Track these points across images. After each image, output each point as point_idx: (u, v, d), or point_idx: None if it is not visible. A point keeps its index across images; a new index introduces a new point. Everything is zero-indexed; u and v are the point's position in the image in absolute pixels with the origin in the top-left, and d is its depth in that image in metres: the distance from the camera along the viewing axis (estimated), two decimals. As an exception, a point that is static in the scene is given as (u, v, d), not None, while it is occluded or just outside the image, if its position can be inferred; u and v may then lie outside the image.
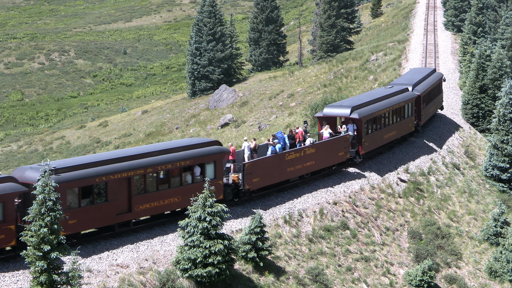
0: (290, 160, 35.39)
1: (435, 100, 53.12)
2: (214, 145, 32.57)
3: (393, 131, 44.07)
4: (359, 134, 39.99)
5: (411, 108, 45.98)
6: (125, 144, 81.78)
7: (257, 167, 33.52)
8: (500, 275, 37.77)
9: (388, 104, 43.10)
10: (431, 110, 51.97)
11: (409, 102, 45.61)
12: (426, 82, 50.52)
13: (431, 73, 54.06)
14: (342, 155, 39.05)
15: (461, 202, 43.59)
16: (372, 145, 41.75)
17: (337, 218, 36.47)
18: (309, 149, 36.62)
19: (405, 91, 46.32)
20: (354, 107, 40.07)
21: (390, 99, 43.95)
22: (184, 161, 30.75)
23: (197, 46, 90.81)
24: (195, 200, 28.03)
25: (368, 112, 40.67)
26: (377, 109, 41.76)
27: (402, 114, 45.00)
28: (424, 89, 48.52)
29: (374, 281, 33.76)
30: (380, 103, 42.71)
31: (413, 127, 46.89)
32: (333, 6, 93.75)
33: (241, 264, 29.90)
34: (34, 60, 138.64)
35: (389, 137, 43.75)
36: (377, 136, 42.14)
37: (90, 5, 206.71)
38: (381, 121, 42.58)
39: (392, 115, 43.74)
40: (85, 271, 25.91)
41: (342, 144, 38.88)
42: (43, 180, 22.94)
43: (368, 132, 40.86)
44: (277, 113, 74.30)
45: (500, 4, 78.88)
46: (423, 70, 55.37)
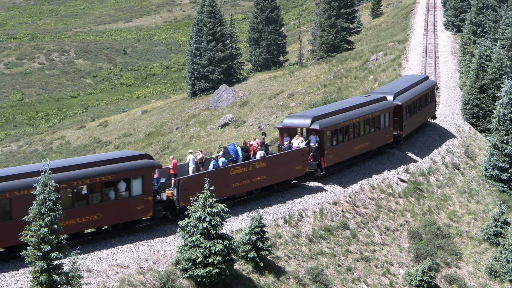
0: (236, 175, 32.92)
1: (424, 109, 50.46)
2: (143, 158, 30.23)
3: (365, 142, 41.55)
4: (321, 146, 37.63)
5: (389, 118, 43.57)
6: (125, 144, 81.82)
7: (195, 183, 30.75)
8: (500, 275, 37.77)
9: (359, 114, 40.76)
10: (418, 120, 49.23)
11: (386, 112, 43.22)
12: (412, 91, 48.19)
13: (421, 81, 51.52)
14: (299, 169, 36.46)
15: (461, 202, 43.60)
16: (337, 158, 39.19)
17: (337, 218, 36.47)
18: (259, 163, 34.07)
19: (382, 100, 43.98)
20: (316, 117, 37.80)
21: (362, 108, 41.58)
22: (106, 175, 28.50)
23: (197, 46, 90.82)
24: (195, 200, 28.05)
25: (332, 122, 38.32)
26: (344, 119, 39.39)
27: (377, 124, 42.59)
28: (407, 98, 46.17)
29: (374, 281, 33.77)
30: (348, 113, 40.28)
31: (391, 138, 44.28)
32: (333, 6, 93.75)
33: (241, 264, 29.90)
34: (34, 60, 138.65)
35: (360, 149, 41.21)
36: (344, 148, 39.64)
37: (90, 5, 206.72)
38: (350, 132, 40.04)
39: (364, 126, 41.36)
40: (85, 271, 25.91)
41: (300, 157, 36.33)
42: (43, 180, 22.94)
43: (332, 144, 38.49)
44: (277, 113, 74.33)
45: (500, 4, 78.87)
46: (413, 78, 52.76)
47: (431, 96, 51.99)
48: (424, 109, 50.26)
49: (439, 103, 60.72)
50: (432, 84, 52.37)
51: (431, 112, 52.65)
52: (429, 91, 51.18)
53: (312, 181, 38.38)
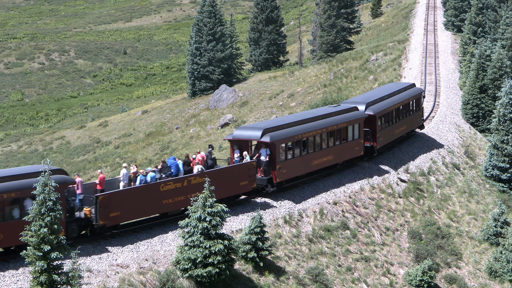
0: (167, 191, 30.62)
1: (407, 119, 47.64)
2: (57, 174, 27.34)
3: (328, 156, 38.89)
4: (273, 160, 34.92)
5: (359, 129, 40.96)
6: (125, 144, 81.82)
7: (117, 200, 28.76)
8: (500, 275, 37.78)
9: (321, 125, 38.12)
10: (399, 131, 46.56)
11: (355, 123, 40.63)
12: (390, 100, 45.38)
13: (404, 89, 48.52)
14: (245, 185, 33.90)
15: (461, 202, 43.59)
16: (292, 172, 36.50)
17: (337, 218, 36.47)
18: (196, 178, 31.62)
19: (352, 111, 41.37)
20: (267, 129, 35.08)
21: (326, 119, 38.97)
22: (8, 193, 26.15)
23: (197, 46, 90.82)
24: (195, 200, 28.06)
25: (286, 135, 35.73)
26: (302, 131, 36.78)
27: (344, 136, 40.03)
28: (383, 107, 43.63)
29: (374, 281, 33.77)
30: (308, 124, 37.65)
31: (362, 151, 41.55)
32: (333, 6, 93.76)
33: (241, 264, 29.91)
34: (34, 60, 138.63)
35: (321, 163, 38.53)
36: (301, 162, 36.91)
37: (90, 5, 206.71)
38: (309, 145, 37.42)
39: (328, 138, 38.81)
40: (85, 271, 25.91)
41: (246, 171, 33.78)
42: (43, 180, 22.94)
43: (286, 157, 35.77)
44: (277, 113, 74.33)
45: (500, 4, 78.85)
46: (396, 86, 49.89)
47: (416, 105, 49.06)
48: (406, 118, 47.38)
49: (439, 103, 60.72)
50: (418, 92, 49.23)
51: (416, 121, 49.60)
52: (413, 100, 48.22)
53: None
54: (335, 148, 39.42)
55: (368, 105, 42.63)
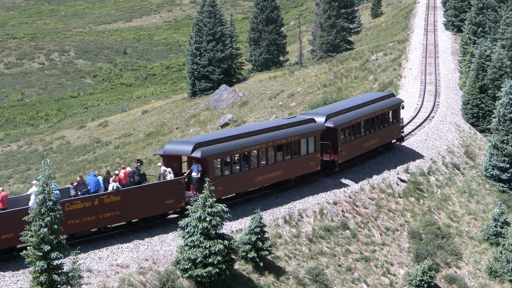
0: (74, 211, 27.87)
1: (380, 131, 44.71)
2: None
3: (276, 171, 36.07)
4: (205, 176, 31.97)
5: (315, 143, 38.24)
6: (125, 144, 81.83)
7: (8, 221, 26.07)
8: (500, 275, 37.78)
9: (267, 138, 35.33)
10: (369, 144, 43.53)
11: (310, 136, 37.87)
12: (358, 111, 42.48)
13: (379, 99, 45.72)
14: (171, 204, 31.20)
15: (461, 202, 43.60)
16: (229, 190, 33.89)
17: (337, 218, 36.48)
18: (110, 197, 29.08)
19: (307, 123, 38.57)
20: (199, 144, 32.59)
21: (274, 132, 36.18)
22: None
23: (197, 46, 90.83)
24: (195, 200, 28.06)
25: (221, 149, 33.05)
26: (242, 145, 33.94)
27: (296, 150, 37.32)
28: (347, 119, 40.70)
29: (374, 281, 33.78)
30: (251, 138, 34.87)
31: (318, 166, 38.70)
32: (333, 6, 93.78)
33: (241, 264, 29.92)
34: (34, 60, 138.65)
35: (267, 179, 35.69)
36: (241, 177, 34.12)
37: (90, 5, 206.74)
38: (250, 160, 34.74)
39: (275, 152, 36.14)
40: (85, 271, 25.92)
41: (171, 189, 31.13)
42: (43, 180, 22.95)
43: (222, 173, 33.28)
44: (277, 113, 74.35)
45: (500, 4, 78.87)
46: (370, 96, 47.26)
47: (394, 116, 46.17)
48: (380, 131, 44.58)
49: (439, 103, 60.73)
50: (395, 103, 46.26)
51: (393, 134, 46.63)
52: (389, 111, 45.42)
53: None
54: (286, 163, 36.58)
55: (329, 117, 39.84)
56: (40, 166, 75.79)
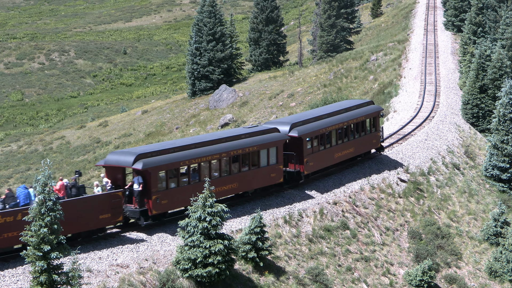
0: None
1: (355, 141, 42.28)
2: None
3: (231, 183, 33.98)
4: (148, 189, 30.40)
5: (277, 154, 35.93)
6: (125, 144, 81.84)
7: None
8: (500, 275, 37.79)
9: (220, 149, 33.40)
10: (340, 155, 41.00)
11: (271, 146, 35.61)
12: (328, 120, 40.11)
13: (355, 107, 43.27)
14: (107, 218, 29.07)
15: (461, 202, 43.60)
16: (175, 203, 31.78)
17: (337, 218, 36.48)
18: None
19: (269, 132, 36.25)
20: (142, 154, 30.56)
21: (229, 143, 34.18)
22: None
23: (197, 46, 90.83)
24: (195, 200, 28.07)
25: (166, 161, 31.06)
26: (191, 156, 32.04)
27: (255, 161, 35.24)
28: (314, 129, 38.40)
29: (374, 281, 33.78)
30: (202, 148, 32.84)
31: (281, 178, 36.33)
32: (333, 6, 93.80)
33: (241, 264, 29.92)
34: (34, 60, 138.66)
35: (219, 192, 32.91)
36: (189, 190, 31.45)
37: (90, 5, 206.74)
38: (201, 171, 32.58)
39: (230, 163, 34.08)
40: (85, 271, 25.92)
41: (107, 203, 29.05)
42: (43, 180, 22.95)
43: (167, 186, 31.18)
44: (277, 113, 74.37)
45: (500, 4, 78.88)
46: (345, 104, 44.90)
47: (371, 125, 43.87)
48: (355, 140, 42.22)
49: (439, 103, 60.72)
50: (373, 111, 43.91)
51: (371, 143, 44.06)
52: (366, 119, 43.12)
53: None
54: (241, 175, 34.39)
55: (294, 126, 37.53)
56: (40, 166, 75.79)
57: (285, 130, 37.22)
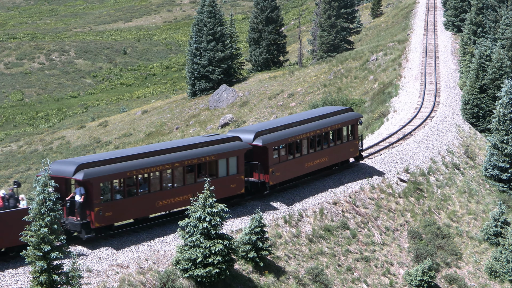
0: None
1: (330, 149, 40.16)
2: None
3: (185, 194, 31.97)
4: (90, 201, 28.72)
5: (237, 164, 34.18)
6: (125, 144, 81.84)
7: None
8: (500, 275, 37.79)
9: (173, 159, 31.59)
10: (312, 164, 38.97)
11: (231, 156, 33.98)
12: (298, 128, 38.20)
13: (331, 114, 41.18)
14: None
15: (461, 202, 43.59)
16: (122, 215, 29.93)
17: (337, 218, 36.48)
18: None
19: (230, 141, 34.69)
20: (85, 164, 28.94)
21: (184, 152, 32.40)
22: None
23: (197, 46, 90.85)
24: (195, 200, 28.08)
25: (111, 170, 29.26)
26: (139, 166, 30.31)
27: (213, 172, 33.52)
28: (282, 137, 36.61)
29: (374, 281, 33.78)
30: (153, 158, 31.19)
31: (242, 188, 34.47)
32: (333, 6, 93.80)
33: (241, 264, 29.92)
34: (34, 60, 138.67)
35: (172, 204, 31.73)
36: (137, 202, 30.32)
37: (90, 5, 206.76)
38: (151, 182, 31.17)
39: (184, 174, 32.36)
40: (85, 271, 25.93)
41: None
42: (43, 180, 22.95)
43: (112, 197, 29.55)
44: (277, 113, 74.37)
45: (500, 4, 78.89)
46: (322, 111, 43.18)
47: (349, 133, 41.89)
48: (329, 149, 40.19)
49: (439, 103, 60.71)
50: (352, 118, 41.98)
51: (348, 152, 41.93)
52: (341, 127, 41.12)
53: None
54: (196, 186, 32.03)
55: (259, 135, 35.80)
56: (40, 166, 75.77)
57: (249, 139, 35.57)
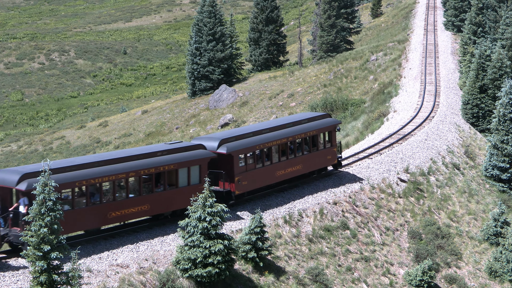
0: None
1: (304, 157, 38.43)
2: None
3: (141, 205, 30.65)
4: None
5: (200, 173, 32.64)
6: (125, 144, 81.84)
7: None
8: (500, 275, 37.79)
9: (126, 168, 30.17)
10: (284, 173, 37.24)
11: (192, 165, 32.43)
12: (269, 135, 36.51)
13: (305, 121, 39.53)
14: None
15: (461, 202, 43.59)
16: (69, 227, 27.80)
17: (337, 218, 36.48)
18: None
19: (193, 149, 33.20)
20: (28, 174, 27.39)
21: (139, 161, 30.87)
22: None
23: (197, 46, 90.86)
24: (195, 200, 28.08)
25: (61, 180, 27.39)
26: (89, 176, 28.83)
27: (172, 181, 32.14)
28: (249, 144, 35.01)
29: (374, 281, 33.78)
30: (105, 167, 29.64)
31: None
32: (333, 6, 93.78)
33: (241, 264, 29.92)
34: (34, 60, 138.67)
35: (125, 215, 30.27)
36: (87, 213, 28.81)
37: (90, 5, 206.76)
38: (102, 193, 29.49)
39: (140, 184, 30.72)
40: (85, 271, 25.93)
41: None
42: (43, 180, 22.95)
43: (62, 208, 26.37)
44: (277, 113, 74.38)
45: (500, 4, 78.91)
46: (296, 117, 41.45)
47: (327, 139, 40.07)
48: (303, 157, 38.44)
49: (439, 103, 60.71)
50: (329, 125, 40.15)
51: (325, 159, 40.09)
52: (317, 134, 39.34)
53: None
54: (153, 196, 31.12)
55: (223, 142, 34.29)
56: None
57: (213, 147, 34.12)
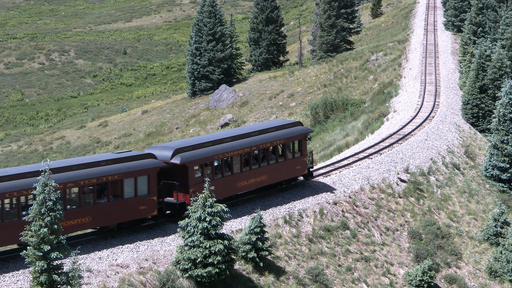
0: None
1: (270, 167, 36.54)
2: None
3: (82, 217, 29.16)
4: None
5: (148, 184, 31.17)
6: (125, 144, 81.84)
7: None
8: (500, 275, 37.78)
9: (68, 178, 28.60)
10: (247, 183, 35.39)
11: (140, 175, 30.98)
12: (229, 145, 34.86)
13: (273, 129, 37.57)
14: None
15: (461, 202, 43.59)
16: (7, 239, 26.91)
17: (337, 218, 36.47)
18: None
19: (141, 159, 31.69)
20: None
21: (82, 171, 29.49)
22: None
23: (197, 46, 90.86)
24: (195, 200, 28.09)
25: None
26: (22, 187, 27.18)
27: (119, 193, 30.53)
28: (206, 154, 33.29)
29: (374, 281, 33.78)
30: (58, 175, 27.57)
31: (154, 210, 31.35)
32: (333, 6, 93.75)
33: (241, 264, 29.92)
34: (34, 60, 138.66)
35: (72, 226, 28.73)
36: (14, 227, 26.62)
37: (90, 5, 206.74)
38: None
39: (80, 195, 29.34)
40: (85, 271, 25.94)
41: None
42: (43, 180, 22.95)
43: None
44: (277, 113, 74.38)
45: (500, 4, 78.88)
46: (264, 125, 39.68)
47: (295, 149, 38.29)
48: (268, 167, 36.54)
49: (439, 103, 60.70)
50: (299, 133, 38.29)
51: (293, 170, 38.11)
52: (285, 143, 37.50)
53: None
54: (96, 208, 29.69)
55: (178, 152, 32.58)
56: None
57: (167, 156, 32.44)
